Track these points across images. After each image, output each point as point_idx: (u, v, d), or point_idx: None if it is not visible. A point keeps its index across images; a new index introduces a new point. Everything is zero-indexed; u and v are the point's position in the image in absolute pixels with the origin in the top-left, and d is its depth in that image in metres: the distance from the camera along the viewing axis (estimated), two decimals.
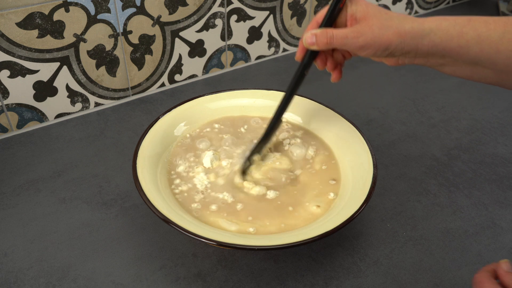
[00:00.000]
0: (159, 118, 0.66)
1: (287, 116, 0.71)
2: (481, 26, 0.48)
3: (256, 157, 0.62)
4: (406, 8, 1.21)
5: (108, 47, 0.80)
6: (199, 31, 0.89)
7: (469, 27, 0.48)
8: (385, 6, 1.17)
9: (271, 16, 0.97)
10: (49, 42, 0.74)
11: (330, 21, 0.53)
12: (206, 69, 0.95)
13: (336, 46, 0.51)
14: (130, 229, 0.62)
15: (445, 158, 0.75)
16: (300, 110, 0.70)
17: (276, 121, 0.61)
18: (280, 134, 0.68)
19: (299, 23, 1.02)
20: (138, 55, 0.84)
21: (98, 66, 0.81)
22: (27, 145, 0.76)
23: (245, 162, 0.62)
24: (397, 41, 0.49)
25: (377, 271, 0.57)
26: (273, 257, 0.59)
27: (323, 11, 0.53)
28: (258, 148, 0.62)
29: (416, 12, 1.24)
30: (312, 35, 0.52)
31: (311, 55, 0.55)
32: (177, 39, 0.87)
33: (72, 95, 0.81)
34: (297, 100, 0.71)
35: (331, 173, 0.63)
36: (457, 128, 0.82)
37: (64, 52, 0.76)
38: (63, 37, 0.75)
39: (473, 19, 0.48)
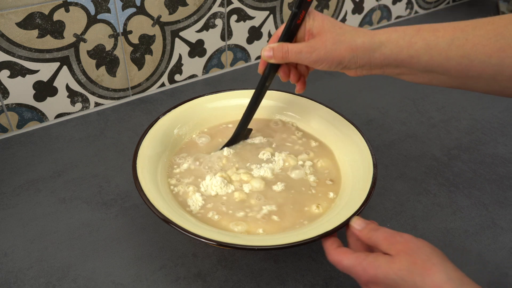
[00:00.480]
0: (159, 118, 0.66)
1: (288, 118, 0.71)
2: (430, 34, 0.48)
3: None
4: (406, 8, 1.21)
5: (108, 47, 0.80)
6: (199, 31, 0.89)
7: (418, 36, 0.49)
8: (385, 7, 1.17)
9: (271, 16, 0.97)
10: (49, 42, 0.74)
11: (288, 36, 0.54)
12: (206, 69, 0.95)
13: (291, 60, 0.54)
14: (130, 229, 0.62)
15: (445, 158, 0.75)
16: (300, 110, 0.70)
17: (241, 127, 0.64)
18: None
19: None
20: (138, 55, 0.84)
21: (98, 66, 0.81)
22: (27, 145, 0.76)
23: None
24: (350, 55, 0.51)
25: None
26: (273, 257, 0.59)
27: (283, 26, 0.55)
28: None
29: (416, 12, 1.24)
30: (269, 48, 0.54)
31: (271, 68, 0.58)
32: (177, 39, 0.87)
33: (72, 95, 0.81)
34: (297, 100, 0.71)
35: (331, 173, 0.63)
36: (457, 128, 0.82)
37: (64, 52, 0.76)
38: (63, 37, 0.75)
39: (423, 28, 0.49)
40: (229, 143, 0.65)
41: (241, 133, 0.65)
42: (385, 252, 0.44)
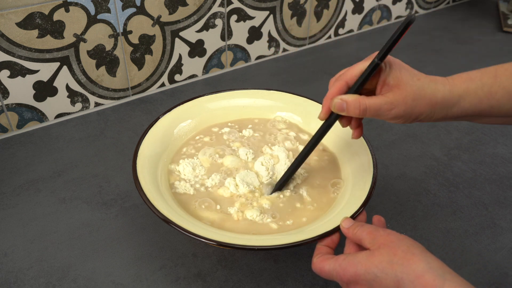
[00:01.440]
0: (159, 118, 0.66)
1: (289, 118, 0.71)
2: (509, 81, 0.47)
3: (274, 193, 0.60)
4: (406, 8, 1.21)
5: (108, 47, 0.80)
6: (199, 31, 0.89)
7: (496, 85, 0.47)
8: (385, 7, 1.17)
9: (271, 16, 0.97)
10: (49, 42, 0.74)
11: (362, 87, 0.49)
12: (206, 69, 0.95)
13: (368, 116, 0.49)
14: (130, 229, 0.62)
15: (445, 158, 0.75)
16: (300, 110, 0.70)
17: (292, 172, 0.58)
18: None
19: (299, 23, 1.03)
20: (138, 55, 0.84)
21: (98, 66, 0.81)
22: (27, 145, 0.76)
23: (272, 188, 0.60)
24: (428, 111, 0.48)
25: None
26: (273, 257, 0.59)
27: (354, 71, 0.50)
28: (278, 186, 0.59)
29: (416, 12, 1.24)
30: (342, 101, 0.49)
31: (336, 116, 0.52)
32: (177, 39, 0.87)
33: (72, 95, 0.81)
34: (297, 100, 0.71)
35: (331, 173, 0.63)
36: (457, 128, 0.82)
37: (64, 52, 0.76)
38: (63, 37, 0.75)
39: (499, 73, 0.47)
40: (279, 187, 0.59)
41: (291, 176, 0.59)
42: (368, 247, 0.44)
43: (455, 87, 0.48)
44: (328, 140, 0.67)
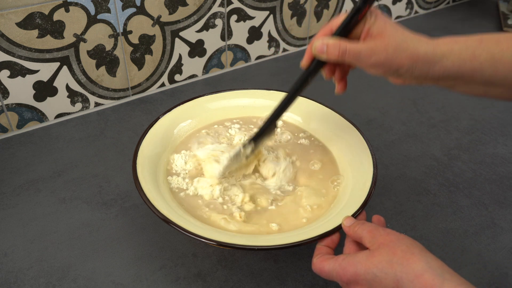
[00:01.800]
0: (159, 118, 0.66)
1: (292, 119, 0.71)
2: (493, 46, 0.47)
3: (249, 148, 0.59)
4: (406, 8, 1.21)
5: (108, 47, 0.80)
6: (199, 31, 0.89)
7: (481, 48, 0.47)
8: (385, 7, 1.17)
9: (271, 16, 0.97)
10: (49, 42, 0.74)
11: (345, 32, 0.50)
12: (206, 69, 0.95)
13: (346, 61, 0.49)
14: (130, 229, 0.62)
15: (445, 158, 0.75)
16: (300, 110, 0.70)
17: (270, 123, 0.58)
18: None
19: (299, 23, 1.02)
20: (138, 55, 0.84)
21: (98, 66, 0.81)
22: (27, 145, 0.76)
23: (240, 149, 0.59)
24: (409, 64, 0.47)
25: None
26: (273, 257, 0.59)
27: (339, 19, 0.50)
28: (254, 140, 0.59)
29: (416, 12, 1.24)
30: (323, 44, 0.49)
31: (318, 64, 0.52)
32: (177, 39, 0.87)
33: (72, 95, 0.81)
34: (297, 100, 0.71)
35: (331, 173, 0.63)
36: (457, 128, 0.82)
37: (64, 52, 0.76)
38: (63, 37, 0.75)
39: (485, 38, 0.47)
40: (256, 138, 0.59)
41: (269, 128, 0.58)
42: (368, 246, 0.44)
43: (439, 46, 0.48)
44: (328, 140, 0.67)
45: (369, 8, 0.48)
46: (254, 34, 0.97)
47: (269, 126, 0.58)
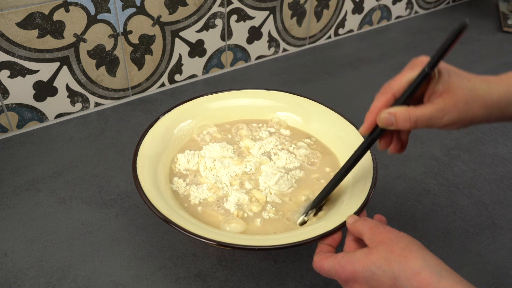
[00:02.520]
0: (159, 118, 0.66)
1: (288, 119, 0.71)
2: None
3: (310, 215, 0.57)
4: (406, 8, 1.21)
5: (108, 47, 0.80)
6: (199, 31, 0.89)
7: None
8: (385, 7, 1.17)
9: (271, 16, 0.97)
10: (49, 42, 0.74)
11: (411, 97, 0.46)
12: (206, 69, 0.95)
13: (419, 127, 0.46)
14: (130, 229, 0.62)
15: (445, 158, 0.75)
16: (300, 110, 0.70)
17: (330, 190, 0.55)
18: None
19: (299, 23, 1.03)
20: (138, 55, 0.84)
21: (98, 66, 0.81)
22: (27, 145, 0.76)
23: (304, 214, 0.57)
24: (483, 113, 0.45)
25: None
26: (273, 257, 0.59)
27: (401, 81, 0.47)
28: (315, 203, 0.57)
29: (416, 12, 1.24)
30: (390, 115, 0.46)
31: (381, 132, 0.49)
32: (177, 39, 0.87)
33: (72, 95, 0.81)
34: (297, 100, 0.71)
35: (331, 173, 0.63)
36: None
37: (64, 52, 0.76)
38: (63, 37, 0.75)
39: None
40: (316, 205, 0.56)
41: (329, 193, 0.56)
42: (368, 243, 0.44)
43: (510, 86, 0.45)
44: (328, 140, 0.67)
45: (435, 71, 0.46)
46: (254, 34, 0.97)
47: (328, 193, 0.56)
